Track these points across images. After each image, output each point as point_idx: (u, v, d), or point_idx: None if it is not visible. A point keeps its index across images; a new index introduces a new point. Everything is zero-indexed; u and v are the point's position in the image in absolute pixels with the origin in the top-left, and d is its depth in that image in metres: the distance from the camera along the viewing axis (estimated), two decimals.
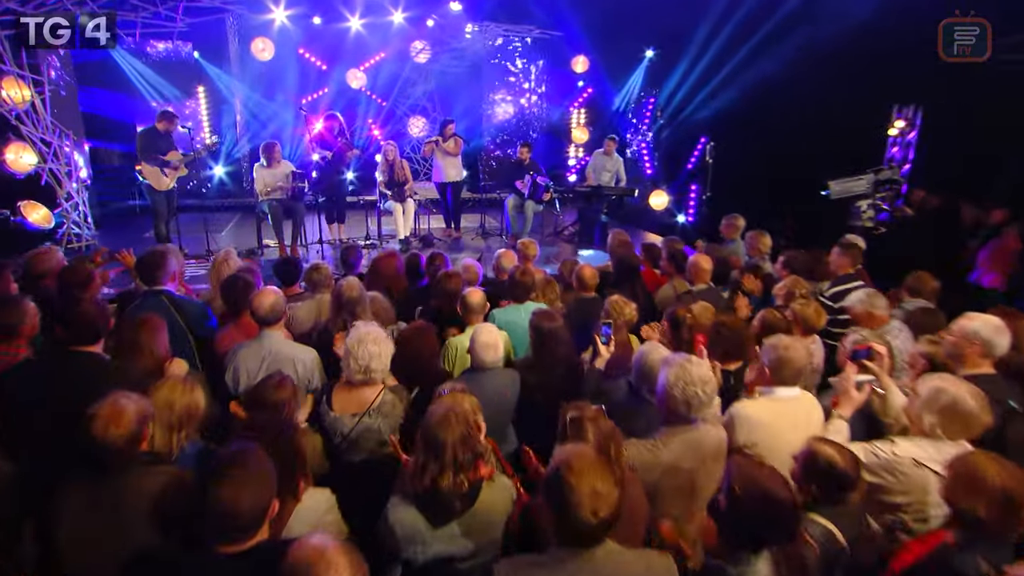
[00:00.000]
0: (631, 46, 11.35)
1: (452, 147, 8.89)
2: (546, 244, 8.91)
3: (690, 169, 9.97)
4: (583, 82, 12.96)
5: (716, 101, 9.43)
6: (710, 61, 9.46)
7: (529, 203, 8.54)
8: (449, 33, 12.11)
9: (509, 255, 5.19)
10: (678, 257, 5.26)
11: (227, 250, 4.86)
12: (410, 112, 13.33)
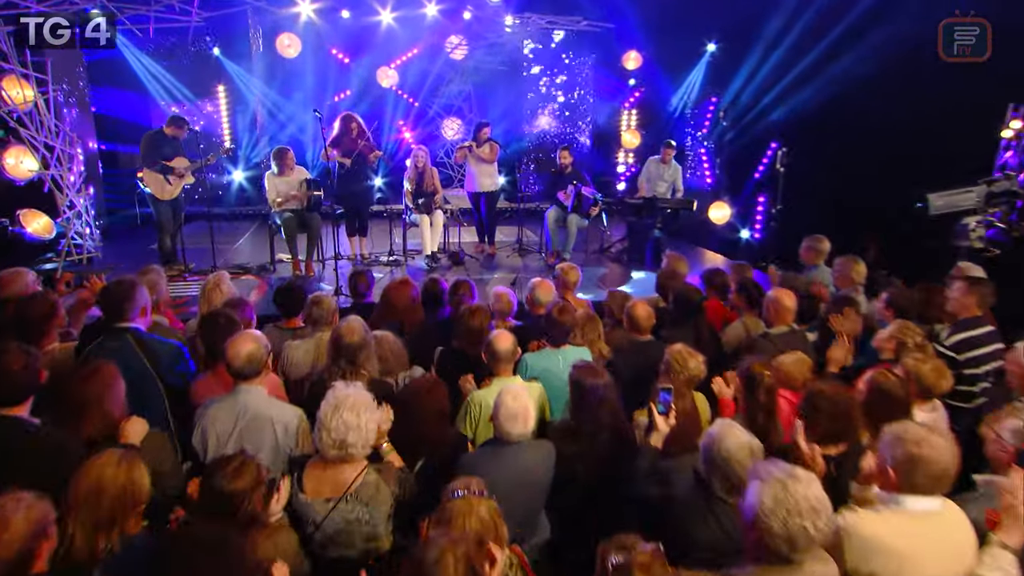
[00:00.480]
0: (690, 39, 10.65)
1: (487, 153, 8.38)
2: (590, 263, 8.30)
3: (757, 179, 9.21)
4: (634, 80, 12.34)
5: (790, 101, 8.65)
6: (783, 55, 8.69)
7: (573, 217, 7.95)
8: (486, 26, 11.66)
9: (545, 287, 4.61)
10: (751, 290, 4.59)
11: (219, 274, 4.42)
12: (444, 113, 12.94)
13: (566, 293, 5.14)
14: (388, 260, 8.02)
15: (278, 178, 7.38)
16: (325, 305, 3.98)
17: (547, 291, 4.56)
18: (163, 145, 7.13)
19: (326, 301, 4.00)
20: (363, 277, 4.85)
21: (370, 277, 4.90)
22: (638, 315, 3.97)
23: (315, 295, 4.09)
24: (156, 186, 7.08)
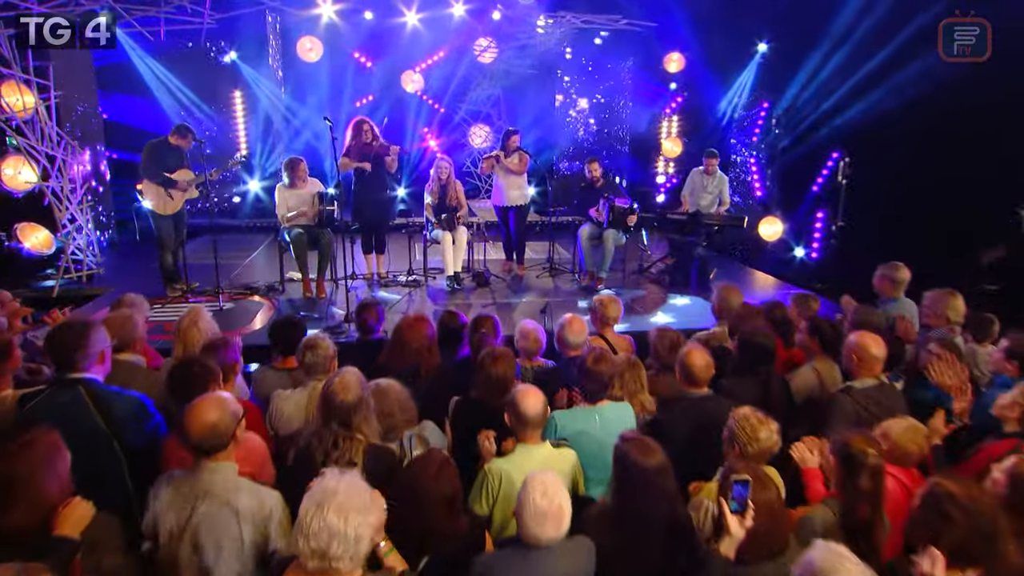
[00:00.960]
0: (739, 39, 10.02)
1: (516, 164, 7.85)
2: (628, 285, 7.70)
3: (816, 192, 8.51)
4: (675, 84, 11.72)
5: (854, 106, 7.95)
6: (846, 56, 8.00)
7: (610, 233, 7.35)
8: (517, 27, 11.16)
9: (577, 325, 4.02)
10: (826, 331, 3.94)
11: (195, 309, 3.93)
12: (471, 119, 12.48)
13: (604, 329, 4.56)
14: (407, 280, 7.52)
15: (289, 191, 6.94)
16: (321, 351, 3.45)
17: (579, 330, 3.97)
18: (166, 156, 6.75)
19: (323, 346, 3.47)
20: (371, 310, 4.33)
21: (379, 311, 4.36)
22: (695, 365, 3.37)
23: (311, 338, 3.56)
24: (156, 200, 6.70)
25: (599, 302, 4.54)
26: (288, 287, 7.22)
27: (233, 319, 6.21)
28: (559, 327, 3.98)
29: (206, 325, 3.81)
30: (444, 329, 4.25)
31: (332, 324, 5.93)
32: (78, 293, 7.16)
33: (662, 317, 6.49)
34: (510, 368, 3.49)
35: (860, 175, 8.03)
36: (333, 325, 5.90)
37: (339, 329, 5.80)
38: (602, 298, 4.55)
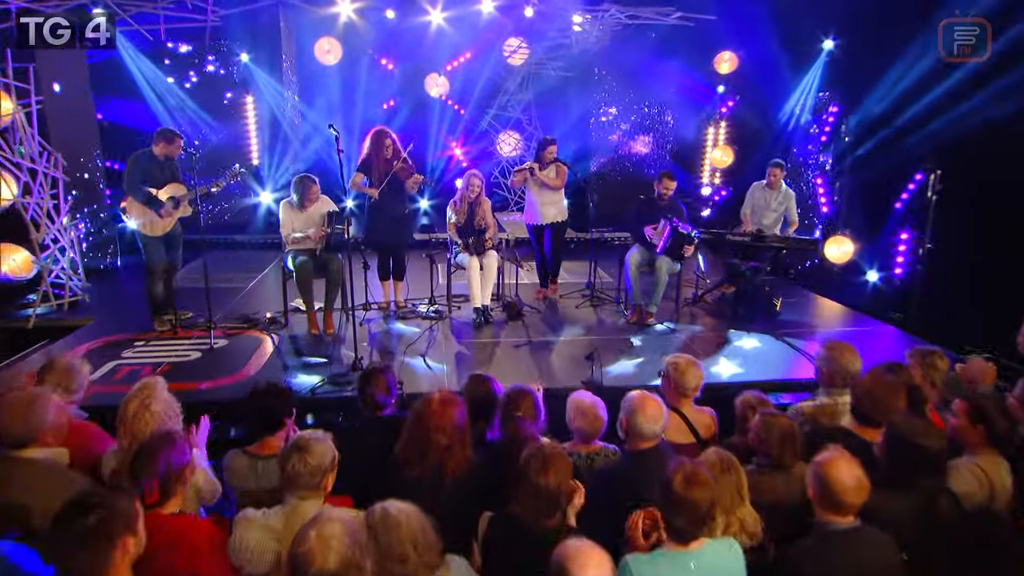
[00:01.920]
0: (800, 35, 8.90)
1: (552, 177, 6.84)
2: (683, 319, 6.63)
3: (900, 209, 7.34)
4: (723, 88, 10.62)
5: (951, 112, 6.78)
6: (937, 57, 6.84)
7: (663, 261, 6.29)
8: (551, 24, 10.15)
9: (652, 409, 2.89)
10: (996, 421, 2.86)
11: (146, 387, 2.92)
12: (499, 126, 11.50)
13: (680, 402, 3.52)
14: (429, 311, 6.52)
15: (295, 211, 6.00)
16: (313, 459, 2.39)
17: (656, 416, 2.89)
18: (153, 168, 5.85)
19: (315, 452, 2.40)
20: (378, 381, 3.28)
21: (389, 380, 3.34)
22: (840, 484, 2.30)
23: (302, 438, 2.47)
24: (143, 219, 5.80)
25: (674, 367, 3.49)
26: (293, 319, 6.28)
27: (223, 361, 5.27)
28: (627, 411, 2.93)
29: (160, 407, 2.84)
30: (469, 401, 3.25)
31: (338, 372, 4.95)
32: (58, 324, 6.29)
33: (728, 365, 5.41)
34: (564, 476, 2.49)
35: (953, 191, 6.86)
36: (339, 373, 4.91)
37: (345, 378, 4.81)
38: (678, 361, 3.50)
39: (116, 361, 5.21)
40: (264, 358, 5.32)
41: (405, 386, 4.66)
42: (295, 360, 5.31)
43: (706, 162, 11.32)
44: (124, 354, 5.38)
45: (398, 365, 5.18)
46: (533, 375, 5.06)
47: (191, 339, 5.72)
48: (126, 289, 7.17)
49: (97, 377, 4.87)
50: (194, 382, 4.83)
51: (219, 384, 4.80)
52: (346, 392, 4.63)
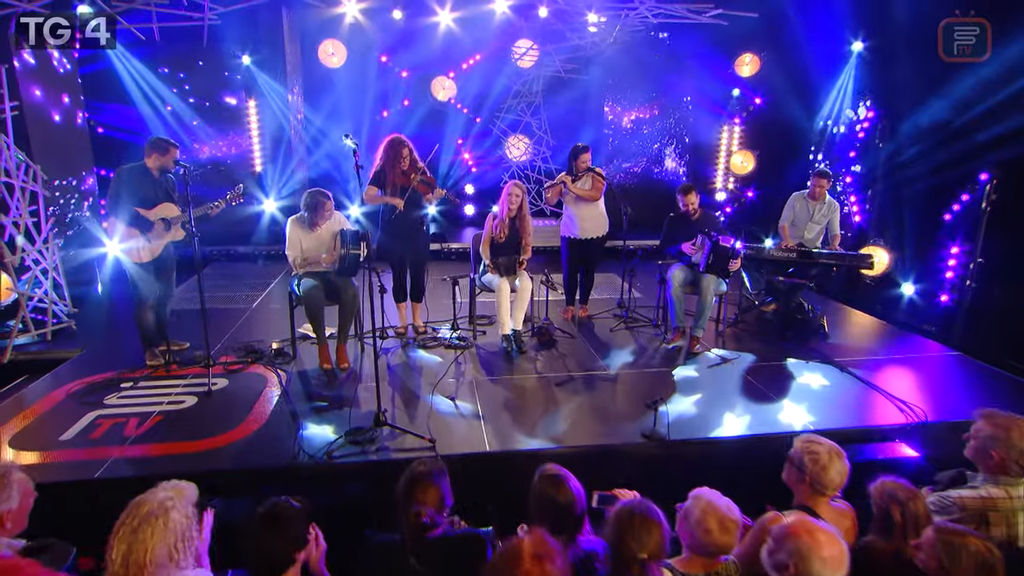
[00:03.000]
0: (826, 36, 7.89)
1: (588, 189, 5.83)
2: (729, 344, 5.64)
3: (949, 221, 6.38)
4: (738, 91, 9.61)
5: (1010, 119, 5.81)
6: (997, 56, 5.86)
7: (710, 279, 5.30)
8: (567, 24, 9.09)
9: (831, 547, 1.80)
10: None
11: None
12: (509, 129, 10.45)
13: (816, 500, 2.52)
14: (452, 338, 5.49)
15: (304, 231, 4.95)
16: None
17: (838, 560, 1.86)
18: (143, 184, 4.77)
19: None
20: (429, 490, 2.15)
21: (444, 488, 2.28)
22: None
23: None
24: (129, 244, 4.73)
25: (813, 458, 2.48)
26: (301, 349, 5.23)
27: (222, 409, 4.20)
28: (795, 552, 1.88)
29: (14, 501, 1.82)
30: (547, 511, 2.25)
31: (359, 426, 3.90)
32: (40, 358, 5.21)
33: (797, 409, 4.41)
34: None
35: (1008, 202, 5.93)
36: (360, 429, 3.86)
37: (368, 436, 3.77)
38: (818, 451, 2.50)
39: (97, 411, 4.13)
40: (270, 405, 4.26)
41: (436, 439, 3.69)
42: (306, 406, 4.26)
43: (719, 166, 10.34)
44: (108, 400, 4.31)
45: (425, 413, 4.16)
46: (587, 427, 4.05)
47: (186, 378, 4.66)
48: (120, 314, 6.03)
49: (72, 436, 3.82)
50: (187, 441, 3.78)
51: (217, 444, 3.75)
52: (371, 455, 3.60)
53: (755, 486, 2.83)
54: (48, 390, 4.50)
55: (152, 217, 4.74)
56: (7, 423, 3.99)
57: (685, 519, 2.25)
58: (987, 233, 6.13)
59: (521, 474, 2.57)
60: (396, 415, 4.12)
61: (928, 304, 6.71)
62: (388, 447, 3.70)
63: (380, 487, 3.38)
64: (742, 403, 4.45)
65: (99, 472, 3.41)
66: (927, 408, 4.36)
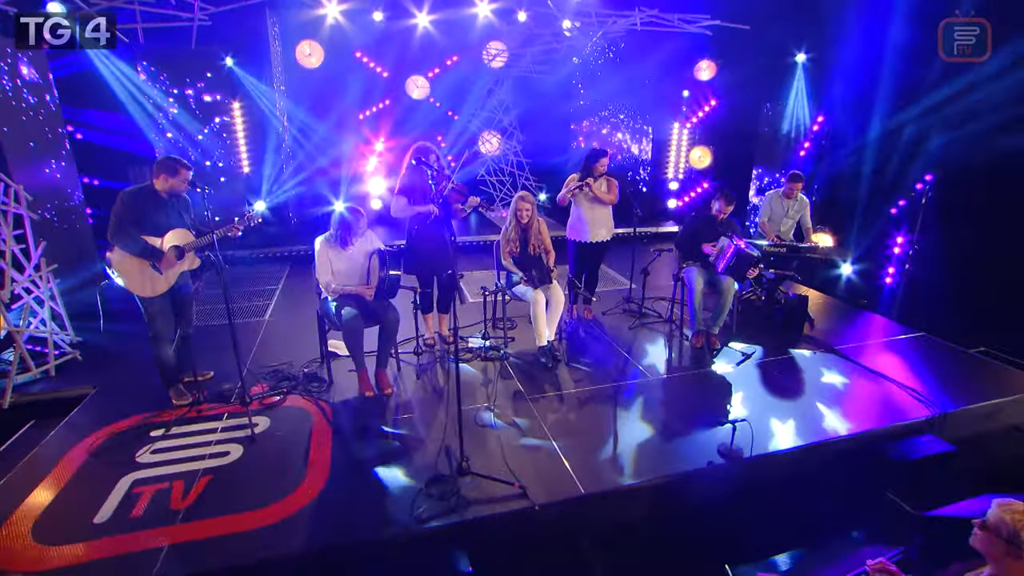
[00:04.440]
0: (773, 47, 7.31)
1: (605, 191, 5.03)
2: (739, 334, 5.09)
3: (895, 214, 6.03)
4: (687, 92, 8.95)
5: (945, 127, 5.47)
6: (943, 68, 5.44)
7: (729, 281, 4.69)
8: (547, 27, 8.06)
9: None
10: None
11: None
12: (483, 126, 9.40)
13: (1013, 569, 1.94)
14: (485, 347, 4.64)
15: (336, 251, 3.92)
16: None
17: None
18: (151, 209, 3.58)
19: None
20: None
21: None
22: None
23: None
24: (135, 279, 3.56)
25: (1007, 522, 1.90)
26: (335, 369, 4.24)
27: (274, 461, 3.21)
28: None
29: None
30: None
31: (437, 477, 3.02)
32: (45, 398, 3.97)
33: (829, 413, 3.91)
34: None
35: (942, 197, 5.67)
36: (440, 479, 2.99)
37: (453, 489, 2.91)
38: (1013, 514, 1.91)
39: (131, 474, 3.07)
40: (327, 450, 3.31)
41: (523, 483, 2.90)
42: (369, 449, 3.34)
43: (671, 158, 9.73)
44: (140, 456, 3.23)
45: (494, 447, 3.34)
46: (659, 447, 3.37)
47: (222, 419, 3.61)
48: (132, 338, 4.74)
49: (109, 515, 2.77)
50: (248, 512, 2.79)
51: (283, 513, 2.79)
52: (465, 513, 2.78)
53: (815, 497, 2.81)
54: (65, 446, 3.35)
55: (164, 246, 3.58)
56: (24, 500, 2.88)
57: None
58: (923, 224, 5.89)
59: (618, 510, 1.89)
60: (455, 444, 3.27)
61: (873, 285, 6.44)
62: (474, 498, 2.88)
63: (479, 554, 2.60)
64: (779, 406, 3.91)
65: (155, 573, 2.42)
66: (926, 393, 3.99)
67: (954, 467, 3.60)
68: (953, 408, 3.90)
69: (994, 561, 2.00)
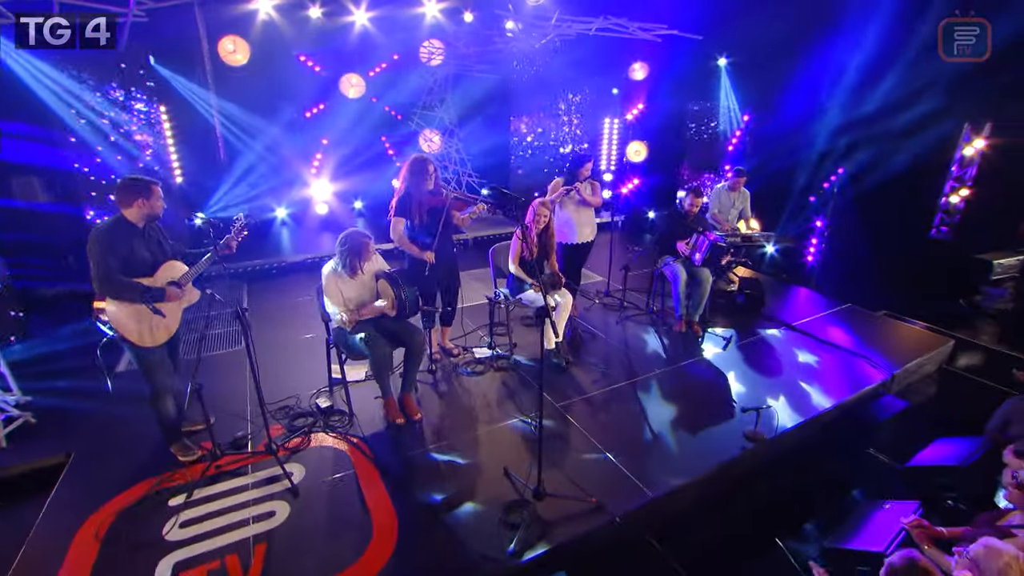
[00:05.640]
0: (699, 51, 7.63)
1: (590, 194, 4.97)
2: (714, 319, 5.33)
3: (813, 202, 6.63)
4: (616, 90, 9.13)
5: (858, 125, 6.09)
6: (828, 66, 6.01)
7: (706, 271, 4.88)
8: (490, 27, 7.73)
9: None
10: None
11: None
12: (423, 123, 8.91)
13: None
14: (492, 357, 4.43)
15: (345, 279, 3.49)
16: None
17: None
18: (136, 246, 2.94)
19: None
20: None
21: None
22: None
23: None
24: (133, 329, 2.94)
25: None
26: (355, 397, 3.82)
27: (329, 519, 2.81)
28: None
29: None
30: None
31: (512, 503, 2.81)
32: (5, 476, 3.17)
33: (808, 387, 4.22)
34: None
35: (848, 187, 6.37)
36: (514, 506, 2.80)
37: (531, 515, 2.75)
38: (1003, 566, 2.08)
39: (167, 557, 2.55)
40: (381, 489, 2.97)
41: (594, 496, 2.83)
42: (425, 483, 3.03)
43: (604, 151, 9.92)
44: (167, 533, 2.70)
45: (554, 467, 3.21)
46: (693, 441, 3.44)
47: (247, 473, 3.12)
48: (89, 391, 3.92)
49: None
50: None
51: (374, 572, 2.47)
52: (555, 538, 2.63)
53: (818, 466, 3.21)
54: (64, 537, 2.69)
55: (165, 277, 2.98)
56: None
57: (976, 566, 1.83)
58: (834, 210, 6.57)
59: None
60: (512, 465, 3.11)
61: (796, 263, 7.07)
62: (554, 520, 2.75)
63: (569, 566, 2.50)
64: (772, 386, 4.16)
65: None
66: (875, 359, 4.47)
67: (911, 419, 4.07)
68: (897, 369, 4.38)
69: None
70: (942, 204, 6.58)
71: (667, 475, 3.12)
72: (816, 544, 2.92)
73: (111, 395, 3.77)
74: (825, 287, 6.36)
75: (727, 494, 3.27)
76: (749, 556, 2.87)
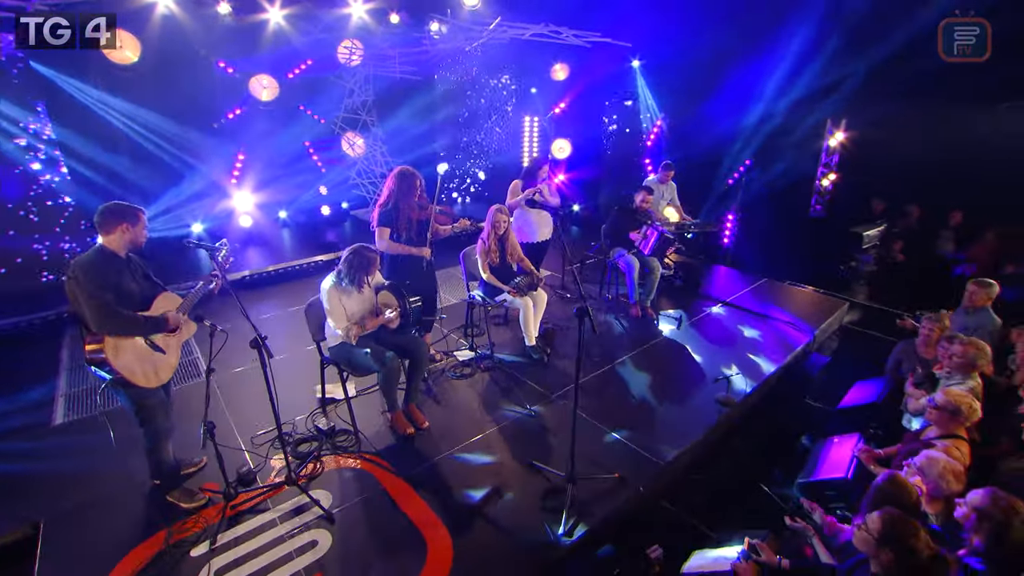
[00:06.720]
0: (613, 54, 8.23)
1: (549, 195, 5.23)
2: (660, 304, 5.86)
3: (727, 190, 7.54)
4: (535, 89, 9.52)
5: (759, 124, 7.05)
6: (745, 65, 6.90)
7: (655, 260, 5.38)
8: (417, 29, 7.65)
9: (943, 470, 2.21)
10: None
11: None
12: (345, 126, 8.61)
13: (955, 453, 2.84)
14: (477, 359, 4.55)
15: (348, 295, 3.42)
16: None
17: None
18: (120, 279, 2.66)
19: None
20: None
21: None
22: None
23: None
24: (137, 370, 2.66)
25: (951, 402, 2.79)
26: (360, 416, 3.73)
27: (382, 540, 2.77)
28: None
29: None
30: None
31: (551, 489, 2.98)
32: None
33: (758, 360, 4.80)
34: None
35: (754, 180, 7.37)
36: (554, 491, 2.98)
37: (569, 497, 2.95)
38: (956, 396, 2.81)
39: None
40: (419, 502, 2.99)
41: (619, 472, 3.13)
42: (459, 487, 3.09)
43: (524, 150, 10.26)
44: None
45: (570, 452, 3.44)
46: (678, 410, 3.86)
47: (269, 509, 2.97)
48: (29, 448, 3.39)
49: None
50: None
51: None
52: (594, 514, 2.87)
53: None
54: None
55: (164, 309, 2.74)
56: None
57: (923, 473, 2.47)
58: (743, 198, 7.53)
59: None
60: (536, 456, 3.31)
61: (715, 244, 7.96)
62: (589, 499, 3.00)
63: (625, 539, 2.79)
64: (727, 356, 4.73)
65: None
66: (797, 323, 5.29)
67: (832, 369, 4.87)
68: (815, 330, 5.21)
69: (941, 427, 2.91)
70: (816, 187, 7.81)
71: (667, 445, 3.50)
72: (791, 483, 3.46)
73: (61, 450, 3.33)
74: (739, 264, 7.26)
75: (712, 454, 3.74)
76: (740, 502, 3.33)
